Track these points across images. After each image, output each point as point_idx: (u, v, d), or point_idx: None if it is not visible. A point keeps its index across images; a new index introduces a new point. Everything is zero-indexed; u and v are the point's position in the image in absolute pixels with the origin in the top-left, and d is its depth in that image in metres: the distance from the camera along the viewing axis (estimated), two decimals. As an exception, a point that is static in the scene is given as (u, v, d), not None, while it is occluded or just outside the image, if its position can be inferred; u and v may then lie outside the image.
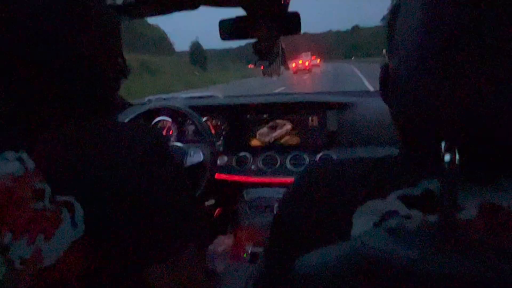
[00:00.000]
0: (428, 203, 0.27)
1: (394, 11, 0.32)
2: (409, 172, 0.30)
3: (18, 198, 0.41)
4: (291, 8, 0.87)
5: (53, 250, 0.41)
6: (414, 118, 0.27)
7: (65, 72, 0.44)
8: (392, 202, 0.29)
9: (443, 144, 0.23)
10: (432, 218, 0.25)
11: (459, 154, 0.22)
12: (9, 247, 0.41)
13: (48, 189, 0.41)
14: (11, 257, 0.41)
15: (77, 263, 0.43)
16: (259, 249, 0.89)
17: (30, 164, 0.42)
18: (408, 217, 0.27)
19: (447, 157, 0.22)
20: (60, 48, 0.43)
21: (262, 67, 1.06)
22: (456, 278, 0.19)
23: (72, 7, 0.44)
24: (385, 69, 0.35)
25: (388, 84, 0.35)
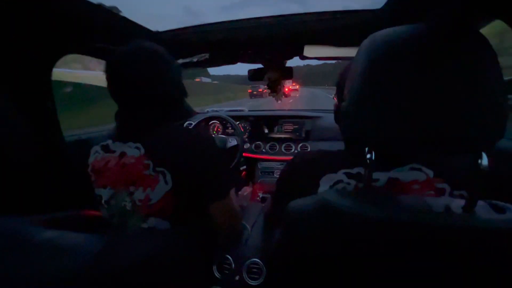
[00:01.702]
0: (359, 177, 0.41)
1: (342, 76, 0.50)
2: (349, 161, 0.43)
3: (137, 168, 0.57)
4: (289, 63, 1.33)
5: (155, 195, 0.57)
6: (352, 134, 0.36)
7: (158, 99, 0.60)
8: (340, 175, 0.42)
9: (366, 149, 0.33)
10: (360, 185, 0.39)
11: (375, 154, 0.33)
12: (133, 193, 0.58)
13: (151, 164, 0.56)
14: (134, 198, 0.58)
15: (169, 202, 0.58)
16: (266, 195, 1.42)
17: (142, 150, 0.57)
18: (348, 183, 0.41)
19: (368, 155, 0.33)
20: (156, 86, 0.58)
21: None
22: (368, 216, 0.31)
23: (163, 67, 0.60)
24: (336, 107, 0.53)
25: (337, 115, 0.53)
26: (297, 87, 40.07)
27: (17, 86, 0.73)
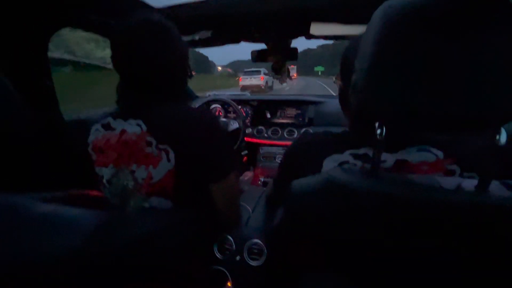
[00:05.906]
0: (365, 158, 0.41)
1: (347, 54, 0.48)
2: (355, 141, 0.43)
3: (139, 146, 0.56)
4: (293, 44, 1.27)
5: (158, 174, 0.56)
6: (362, 107, 0.34)
7: (162, 77, 0.59)
8: (346, 156, 0.42)
9: (377, 124, 0.32)
10: (367, 166, 0.39)
11: (386, 129, 0.31)
12: (135, 171, 0.57)
13: (154, 141, 0.55)
14: (136, 177, 0.57)
15: (171, 181, 0.57)
16: (267, 179, 1.44)
17: (144, 127, 0.56)
18: (354, 164, 0.41)
19: (378, 131, 0.31)
20: (162, 63, 0.57)
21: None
22: (374, 192, 0.31)
23: (171, 44, 0.58)
24: (340, 88, 0.52)
25: (342, 97, 0.52)
26: (295, 75, 29.60)
27: (12, 61, 0.70)
